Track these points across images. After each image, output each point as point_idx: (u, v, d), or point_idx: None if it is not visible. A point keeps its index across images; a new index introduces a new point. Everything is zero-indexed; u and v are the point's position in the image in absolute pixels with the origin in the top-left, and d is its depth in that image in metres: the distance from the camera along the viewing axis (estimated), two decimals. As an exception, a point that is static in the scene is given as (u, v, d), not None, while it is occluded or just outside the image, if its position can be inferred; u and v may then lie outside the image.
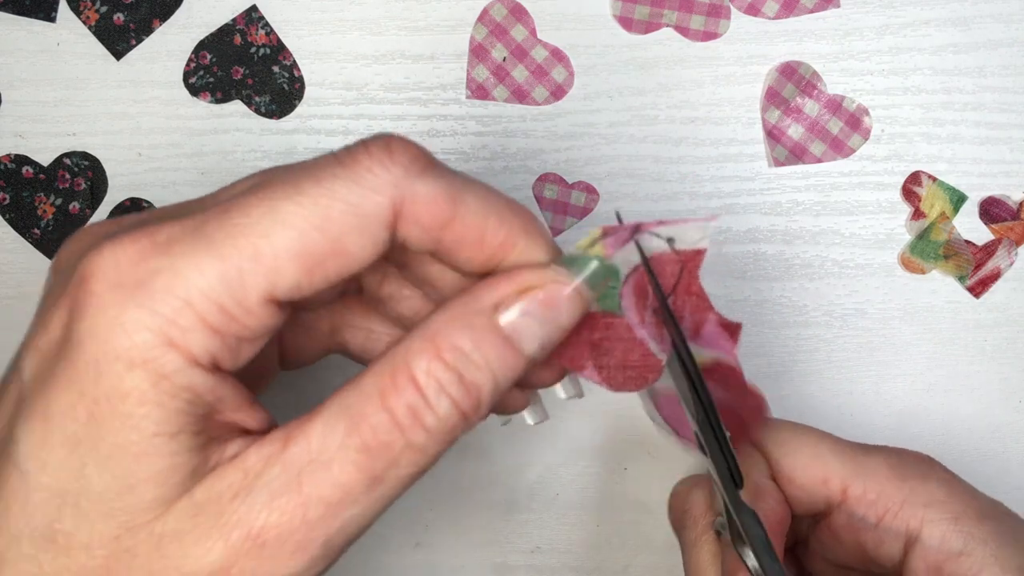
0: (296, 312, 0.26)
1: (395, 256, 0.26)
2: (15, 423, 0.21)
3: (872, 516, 0.28)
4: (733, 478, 0.26)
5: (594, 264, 0.24)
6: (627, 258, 0.24)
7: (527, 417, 0.28)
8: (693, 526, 0.31)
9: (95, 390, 0.20)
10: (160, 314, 0.20)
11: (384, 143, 0.22)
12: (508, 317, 0.22)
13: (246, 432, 0.22)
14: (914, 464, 0.29)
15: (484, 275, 0.24)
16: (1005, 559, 0.27)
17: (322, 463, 0.21)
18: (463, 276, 0.25)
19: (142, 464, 0.20)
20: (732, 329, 0.26)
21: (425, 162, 0.22)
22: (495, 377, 0.22)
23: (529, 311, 0.23)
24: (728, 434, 0.27)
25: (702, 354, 0.27)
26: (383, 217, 0.22)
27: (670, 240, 0.24)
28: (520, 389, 0.27)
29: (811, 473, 0.29)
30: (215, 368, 0.21)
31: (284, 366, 0.29)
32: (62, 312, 0.21)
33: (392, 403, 0.21)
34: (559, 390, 0.28)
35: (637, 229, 0.24)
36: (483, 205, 0.23)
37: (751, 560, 0.28)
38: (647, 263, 0.24)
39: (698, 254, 0.25)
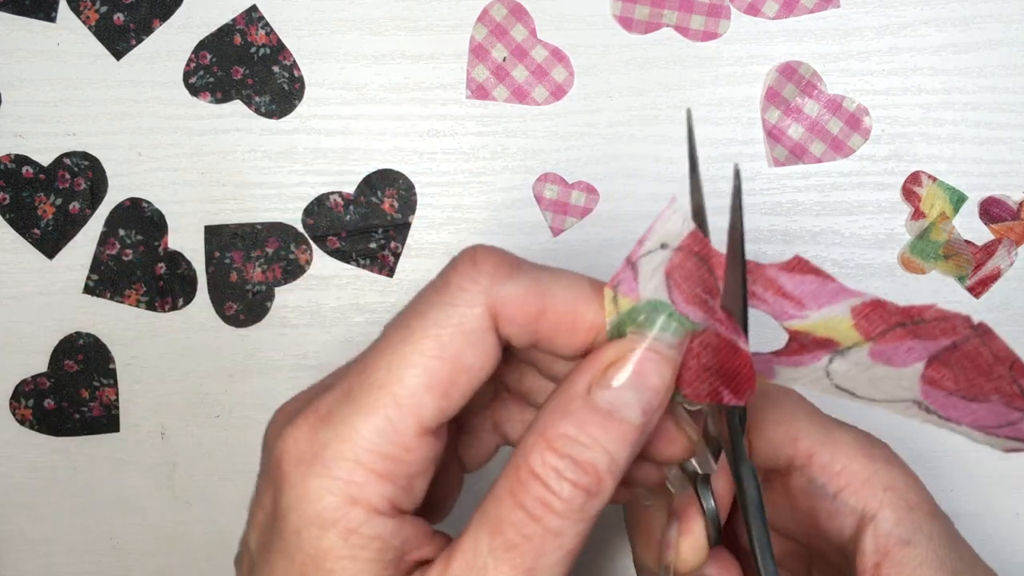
0: (460, 425, 0.30)
1: (523, 355, 0.28)
2: None
3: (832, 487, 0.29)
4: (740, 422, 0.26)
5: (662, 317, 0.24)
6: (653, 286, 0.24)
7: (697, 468, 0.29)
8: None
9: (301, 554, 0.23)
10: (338, 478, 0.23)
11: (469, 256, 0.25)
12: (602, 394, 0.24)
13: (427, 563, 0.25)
14: (880, 447, 0.30)
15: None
16: (945, 559, 0.27)
17: (478, 570, 0.23)
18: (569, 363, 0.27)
19: None
20: (799, 265, 0.24)
21: (510, 265, 0.25)
22: (608, 451, 0.24)
23: (620, 382, 0.24)
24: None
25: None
26: (486, 326, 0.24)
27: (664, 246, 0.24)
28: (651, 463, 0.28)
29: (783, 429, 0.30)
30: (396, 512, 0.24)
31: (466, 470, 0.32)
32: (269, 491, 0.25)
33: (522, 499, 0.23)
34: (695, 466, 0.28)
35: (629, 262, 0.24)
36: (569, 292, 0.25)
37: (709, 502, 0.28)
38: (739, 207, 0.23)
39: (694, 236, 0.24)
